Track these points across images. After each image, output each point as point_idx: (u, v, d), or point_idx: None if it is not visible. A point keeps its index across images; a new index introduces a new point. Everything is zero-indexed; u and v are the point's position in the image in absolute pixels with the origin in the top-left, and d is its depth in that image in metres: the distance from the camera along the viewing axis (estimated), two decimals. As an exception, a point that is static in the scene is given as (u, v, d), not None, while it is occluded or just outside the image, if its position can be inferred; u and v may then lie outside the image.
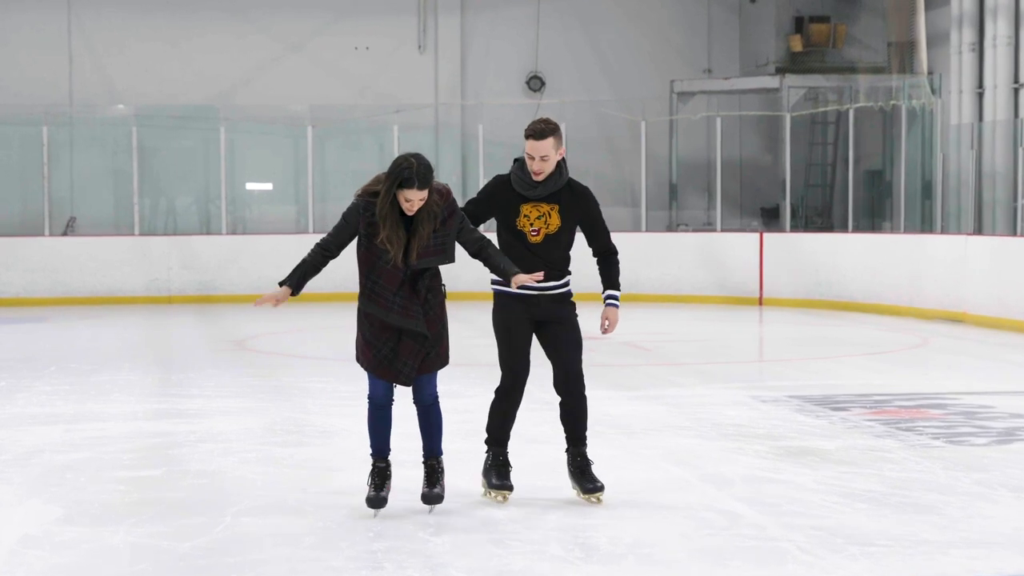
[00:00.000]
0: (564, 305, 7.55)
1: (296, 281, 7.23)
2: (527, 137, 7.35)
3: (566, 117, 24.28)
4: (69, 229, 24.34)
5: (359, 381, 12.30)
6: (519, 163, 7.51)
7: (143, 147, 24.15)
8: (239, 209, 25.25)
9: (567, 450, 7.68)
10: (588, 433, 9.77)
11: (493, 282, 7.54)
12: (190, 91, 25.55)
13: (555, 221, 7.43)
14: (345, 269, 7.49)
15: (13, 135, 24.68)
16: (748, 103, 25.97)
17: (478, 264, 7.54)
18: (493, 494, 7.59)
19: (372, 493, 7.33)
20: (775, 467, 8.51)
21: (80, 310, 21.43)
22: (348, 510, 7.40)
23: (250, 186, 25.65)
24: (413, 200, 7.01)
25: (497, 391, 7.70)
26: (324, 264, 7.30)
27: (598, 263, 7.67)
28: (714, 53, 27.11)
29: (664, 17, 27.02)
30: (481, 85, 26.62)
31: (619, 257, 7.64)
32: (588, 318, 7.94)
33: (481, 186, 26.13)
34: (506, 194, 7.50)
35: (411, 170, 6.97)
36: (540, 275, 7.24)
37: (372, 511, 7.34)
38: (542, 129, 7.33)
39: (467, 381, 11.71)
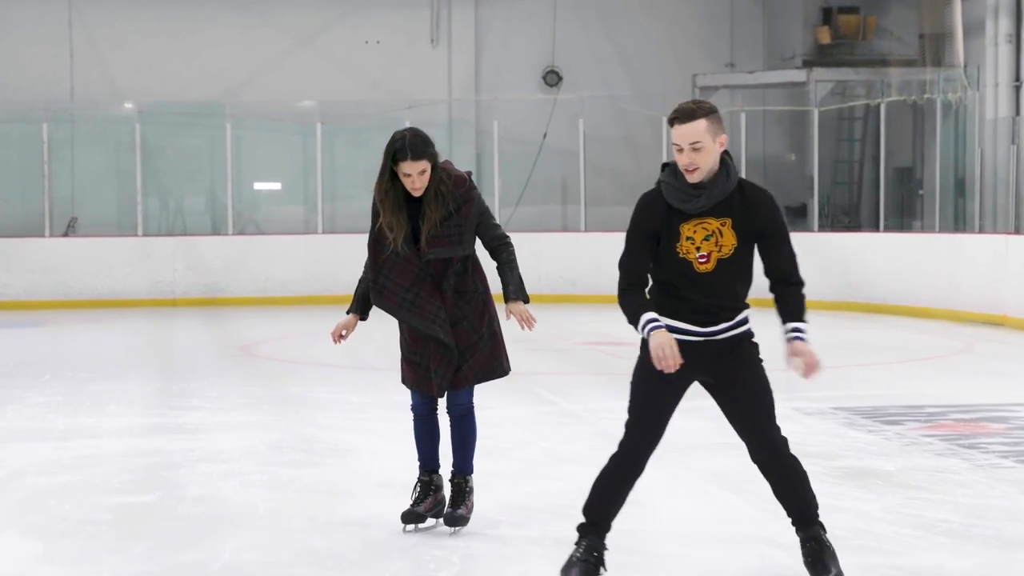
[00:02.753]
0: (743, 352, 5.70)
1: (357, 305, 6.78)
2: (671, 123, 5.46)
3: (584, 113, 23.62)
4: (70, 229, 23.75)
5: (372, 391, 11.58)
6: (670, 168, 5.57)
7: (147, 145, 23.57)
8: (246, 209, 24.67)
9: (796, 532, 5.85)
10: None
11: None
12: (195, 87, 24.84)
13: (729, 240, 5.51)
14: (356, 272, 6.73)
15: (13, 133, 24.07)
16: (773, 98, 25.22)
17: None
18: None
19: (408, 508, 6.76)
20: (834, 492, 7.68)
21: (81, 313, 20.74)
22: (361, 544, 6.61)
23: (258, 186, 25.01)
24: (412, 174, 6.41)
25: (612, 456, 5.76)
26: None
27: (774, 294, 5.72)
28: (737, 46, 26.28)
29: (685, 8, 26.22)
30: (496, 80, 25.85)
31: (803, 292, 5.75)
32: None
33: (497, 185, 25.10)
34: (658, 214, 5.53)
35: (403, 141, 6.40)
36: (534, 323, 6.40)
37: (404, 526, 6.76)
38: (690, 109, 5.43)
39: (489, 392, 10.82)
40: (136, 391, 12.07)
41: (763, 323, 6.06)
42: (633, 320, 5.54)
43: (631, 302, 5.56)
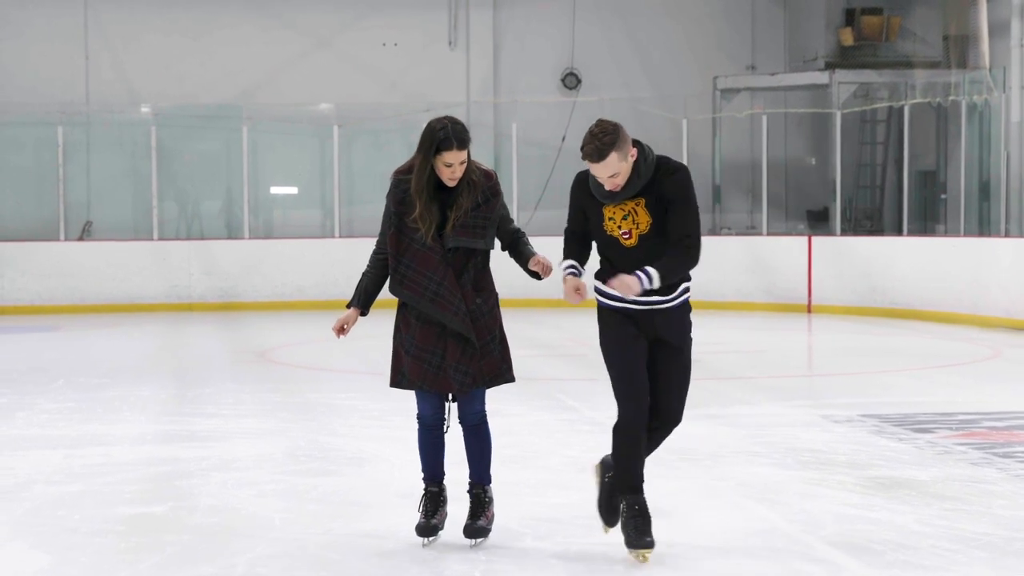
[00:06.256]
0: (680, 324, 6.26)
1: (360, 299, 6.54)
2: (584, 158, 6.08)
3: (603, 115, 23.17)
4: (85, 234, 23.55)
5: (391, 398, 11.26)
6: None
7: (162, 148, 23.39)
8: (262, 212, 24.45)
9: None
10: (648, 459, 8.78)
11: (596, 290, 6.28)
12: (211, 89, 24.65)
13: (644, 218, 6.13)
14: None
15: (27, 136, 23.90)
16: (795, 100, 24.91)
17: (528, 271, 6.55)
18: (633, 553, 6.24)
19: (422, 521, 6.52)
20: (867, 503, 7.44)
21: (96, 318, 20.55)
22: (380, 557, 6.39)
23: (275, 189, 24.82)
24: (454, 164, 6.27)
25: (615, 429, 6.26)
26: (385, 269, 6.53)
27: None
28: (759, 47, 25.99)
29: (706, 10, 25.93)
30: (514, 82, 25.61)
31: (692, 252, 6.14)
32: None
33: (516, 188, 24.86)
34: (586, 195, 6.27)
35: (446, 131, 6.24)
36: (546, 269, 6.32)
37: (421, 540, 6.55)
38: (598, 148, 5.97)
39: (510, 399, 10.62)
40: (150, 397, 11.86)
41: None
42: (563, 261, 6.34)
43: (566, 249, 6.35)
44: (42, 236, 22.75)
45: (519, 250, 6.51)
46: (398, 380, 6.50)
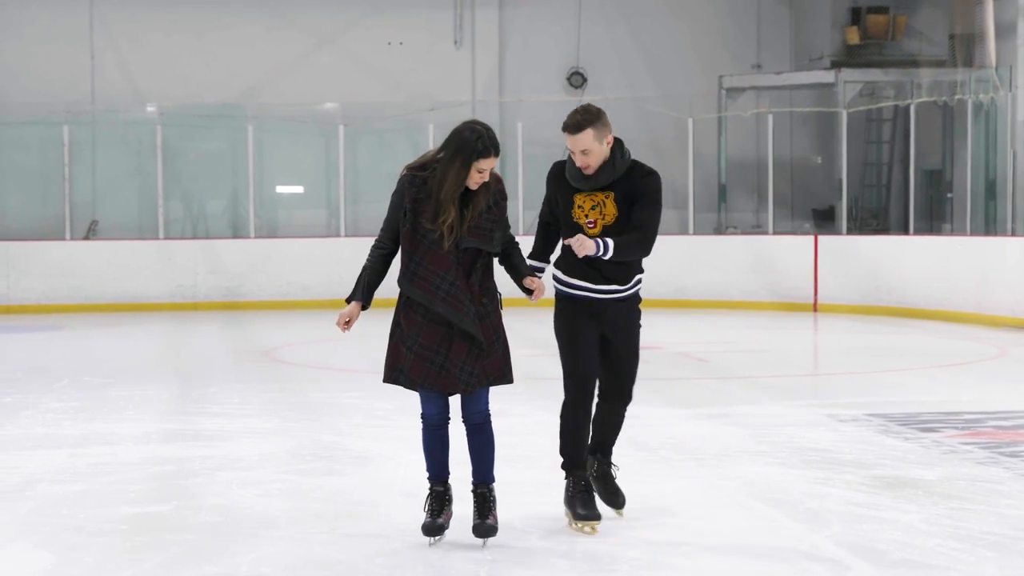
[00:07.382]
0: (630, 315, 6.86)
1: (362, 293, 6.52)
2: (563, 130, 6.72)
3: (608, 114, 23.22)
4: (91, 233, 23.56)
5: (397, 398, 11.25)
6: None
7: (168, 147, 23.36)
8: (268, 212, 24.43)
9: (594, 456, 7.00)
10: (654, 459, 8.82)
11: (555, 279, 6.86)
12: (216, 89, 24.64)
13: (611, 210, 6.70)
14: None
15: (33, 135, 23.87)
16: (801, 99, 24.88)
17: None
18: (579, 525, 6.75)
19: (428, 520, 6.52)
20: (874, 502, 7.42)
21: (101, 318, 20.53)
22: (384, 557, 6.38)
23: (280, 188, 24.81)
24: (486, 170, 6.41)
25: (563, 406, 6.84)
26: (386, 264, 6.57)
27: None
28: (764, 46, 25.94)
29: (711, 9, 25.91)
30: (520, 81, 25.58)
31: (647, 241, 6.68)
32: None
33: (521, 188, 24.86)
34: (560, 183, 6.87)
35: (483, 140, 6.37)
36: (540, 290, 6.47)
37: (427, 540, 6.55)
38: (577, 121, 6.65)
39: (514, 399, 10.57)
40: (154, 397, 11.85)
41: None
42: (530, 255, 6.89)
43: (536, 238, 7.02)
44: (47, 235, 22.74)
45: (514, 263, 6.59)
46: (394, 376, 6.48)
